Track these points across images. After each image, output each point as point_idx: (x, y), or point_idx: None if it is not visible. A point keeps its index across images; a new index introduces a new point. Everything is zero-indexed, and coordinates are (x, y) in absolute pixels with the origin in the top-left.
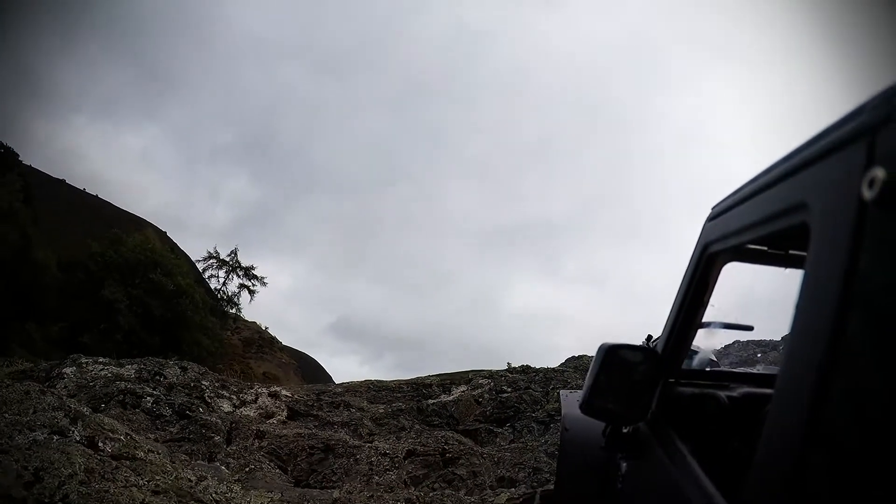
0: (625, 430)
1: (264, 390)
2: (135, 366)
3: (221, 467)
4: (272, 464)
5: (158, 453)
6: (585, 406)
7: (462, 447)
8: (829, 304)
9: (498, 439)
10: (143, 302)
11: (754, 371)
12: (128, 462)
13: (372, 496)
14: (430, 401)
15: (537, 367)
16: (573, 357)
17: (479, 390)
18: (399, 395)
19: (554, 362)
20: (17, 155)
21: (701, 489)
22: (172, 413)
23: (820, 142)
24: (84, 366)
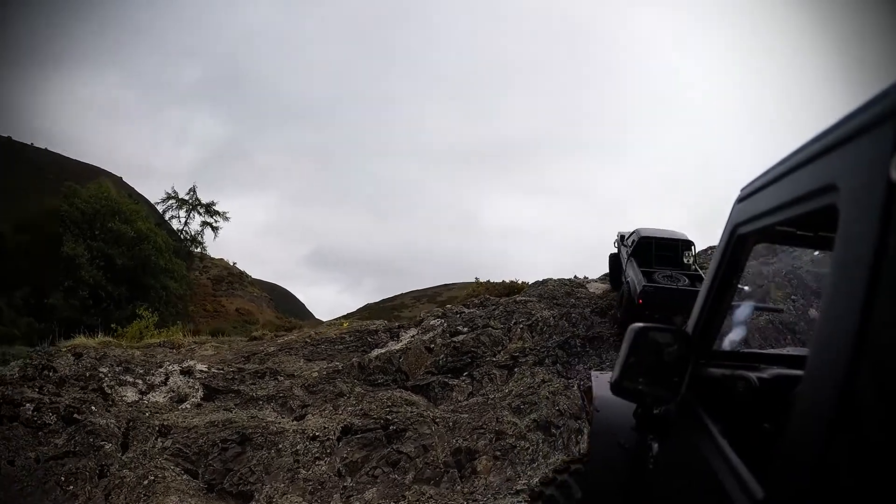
0: (656, 411)
1: (176, 367)
2: (19, 362)
3: None
4: (178, 468)
5: None
6: (616, 387)
7: (410, 412)
8: (859, 286)
9: (454, 394)
10: (104, 253)
11: (784, 352)
12: None
13: None
14: (376, 352)
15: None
16: (537, 282)
17: (431, 334)
18: (341, 346)
19: (537, 278)
20: None
21: (732, 469)
22: (58, 419)
23: (848, 124)
24: None
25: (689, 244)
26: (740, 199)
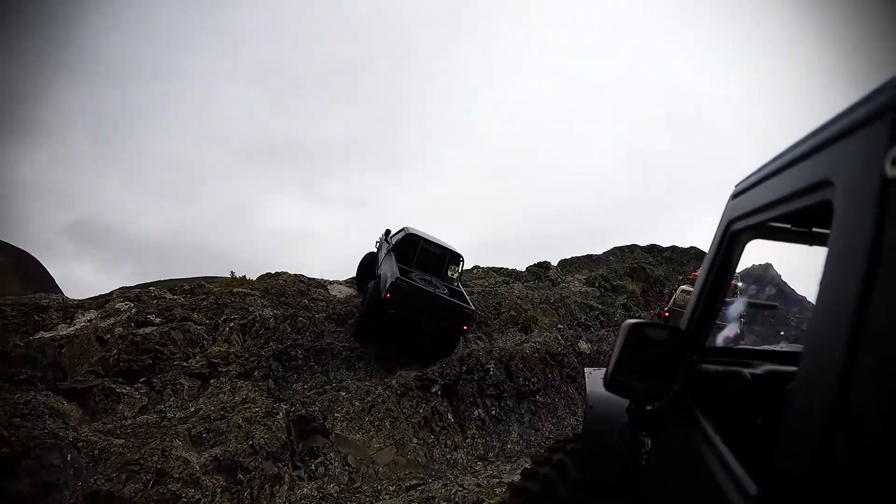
0: (649, 408)
1: None
2: None
3: None
4: None
5: None
6: (610, 383)
7: (42, 429)
8: (853, 282)
9: (121, 406)
10: None
11: (778, 349)
12: None
13: None
14: (41, 335)
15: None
16: (267, 274)
17: (113, 320)
18: None
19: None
20: None
21: (725, 465)
22: None
23: (843, 120)
24: None
25: (457, 258)
26: (734, 196)
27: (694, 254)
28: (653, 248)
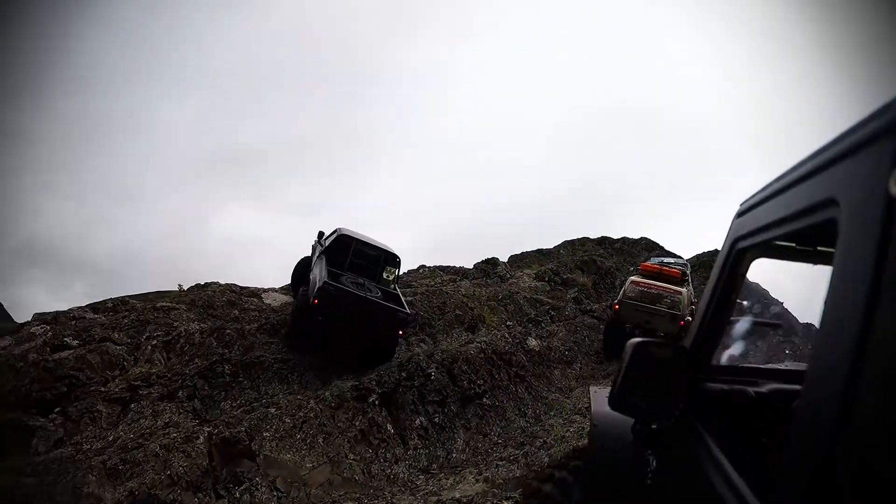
0: (654, 427)
1: None
2: None
3: None
4: None
5: None
6: (614, 402)
7: None
8: (858, 301)
9: (36, 440)
10: None
11: (783, 367)
12: None
13: None
14: None
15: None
16: (197, 286)
17: (25, 346)
18: None
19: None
20: None
21: (730, 485)
22: None
23: (848, 138)
24: None
25: (394, 259)
26: (740, 214)
27: (645, 244)
28: (604, 241)
